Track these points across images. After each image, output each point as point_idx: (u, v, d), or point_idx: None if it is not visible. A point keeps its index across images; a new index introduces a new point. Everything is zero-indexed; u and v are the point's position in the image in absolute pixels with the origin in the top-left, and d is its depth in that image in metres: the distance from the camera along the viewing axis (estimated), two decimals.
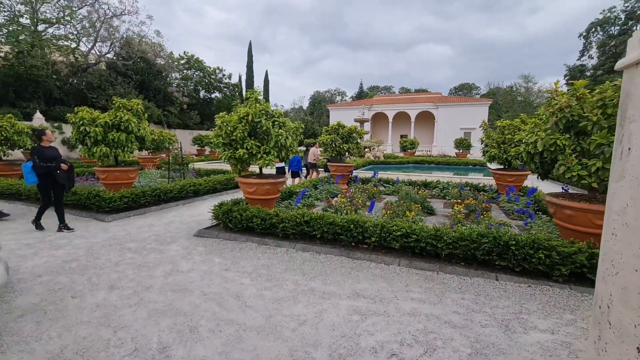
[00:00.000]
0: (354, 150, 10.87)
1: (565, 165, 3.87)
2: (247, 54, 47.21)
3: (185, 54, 36.96)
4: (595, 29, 31.99)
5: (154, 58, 29.09)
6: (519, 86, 60.75)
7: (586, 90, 3.90)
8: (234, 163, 5.81)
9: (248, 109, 5.59)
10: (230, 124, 5.60)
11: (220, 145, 5.81)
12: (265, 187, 5.91)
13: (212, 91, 39.56)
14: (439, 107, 41.79)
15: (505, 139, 8.69)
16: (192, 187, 9.25)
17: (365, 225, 4.82)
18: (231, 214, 5.76)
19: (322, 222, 5.09)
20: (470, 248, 4.26)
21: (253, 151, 5.65)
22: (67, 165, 5.89)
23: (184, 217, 7.31)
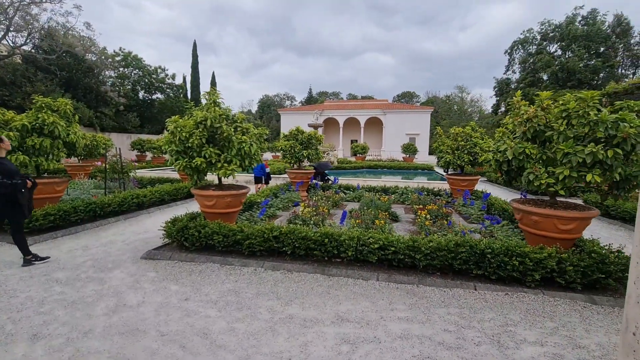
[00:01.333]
0: (314, 156, 10.61)
1: (534, 173, 4.00)
2: (192, 54, 44.65)
3: (121, 51, 33.68)
4: (517, 46, 36.14)
5: (84, 53, 25.91)
6: (455, 96, 66.31)
7: (550, 101, 4.09)
8: (190, 173, 5.14)
9: (206, 112, 4.99)
10: (185, 130, 4.94)
11: (172, 153, 5.11)
12: (227, 199, 5.34)
13: (154, 92, 36.58)
14: (386, 113, 43.64)
15: (459, 145, 9.12)
16: (136, 199, 8.18)
17: (340, 238, 4.54)
18: (187, 232, 5.08)
19: (294, 236, 4.69)
20: (448, 258, 4.21)
21: (212, 160, 5.05)
22: (31, 182, 4.73)
23: (128, 236, 6.35)
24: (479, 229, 6.13)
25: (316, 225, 6.35)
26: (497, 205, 7.75)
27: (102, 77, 30.72)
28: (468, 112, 63.96)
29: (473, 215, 7.69)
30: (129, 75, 34.67)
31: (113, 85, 31.57)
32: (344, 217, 5.78)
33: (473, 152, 8.90)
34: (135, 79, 35.01)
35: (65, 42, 22.94)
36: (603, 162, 3.55)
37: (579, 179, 3.70)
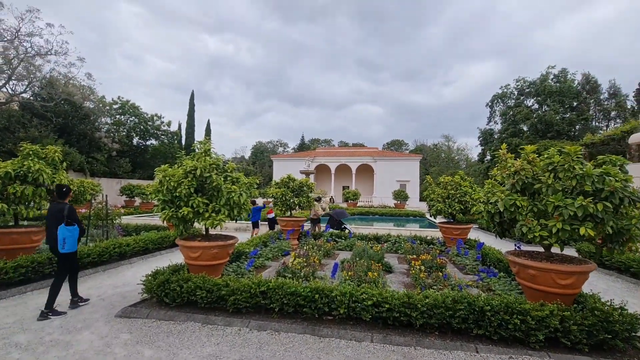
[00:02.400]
0: (305, 203, 10.53)
1: (527, 225, 3.96)
2: (189, 102, 46.33)
3: (119, 99, 34.78)
4: (497, 100, 38.64)
5: (82, 101, 26.63)
6: (442, 144, 68.96)
7: (534, 155, 4.20)
8: (176, 223, 4.96)
9: (196, 162, 4.96)
10: (173, 179, 4.87)
11: (159, 202, 4.97)
12: (213, 250, 5.10)
13: (148, 138, 37.15)
14: (377, 160, 44.71)
15: (449, 194, 9.20)
16: (117, 248, 7.80)
17: (332, 294, 4.28)
18: (169, 286, 4.76)
19: (282, 292, 4.41)
20: (445, 316, 3.97)
21: (200, 209, 4.91)
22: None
23: (105, 289, 5.92)
24: (475, 282, 5.92)
25: (306, 278, 6.06)
26: (491, 256, 7.60)
27: (98, 124, 31.26)
28: (455, 160, 66.10)
29: (468, 265, 7.49)
30: (124, 122, 35.42)
31: (108, 131, 32.03)
32: (336, 269, 5.54)
33: (463, 201, 8.96)
34: (131, 125, 35.72)
35: (65, 91, 23.63)
36: (594, 215, 3.55)
37: (572, 232, 3.66)
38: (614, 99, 32.34)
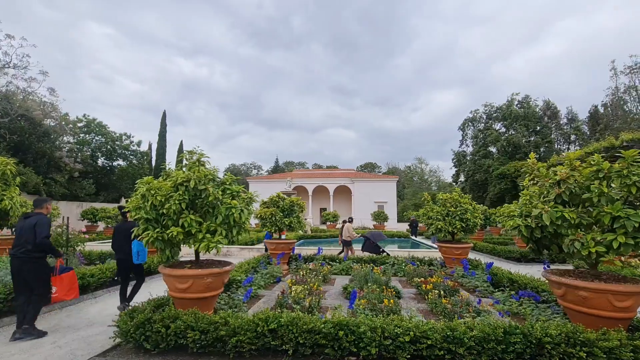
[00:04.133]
0: (296, 224, 9.74)
1: (579, 240, 3.51)
2: (161, 122, 44.56)
3: (85, 117, 32.67)
4: (468, 123, 40.48)
5: (42, 117, 24.57)
6: (415, 166, 70.92)
7: (578, 162, 3.85)
8: (161, 247, 4.06)
9: (189, 172, 4.17)
10: (160, 193, 4.02)
11: (141, 221, 4.07)
12: (207, 280, 4.21)
13: (115, 158, 34.89)
14: (354, 182, 44.74)
15: (449, 211, 8.83)
16: (80, 280, 6.55)
17: (359, 329, 3.54)
18: (150, 327, 3.79)
19: (297, 329, 3.61)
20: (498, 351, 3.34)
21: (192, 230, 4.07)
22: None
23: (62, 333, 4.75)
24: (500, 307, 5.36)
25: (312, 308, 5.26)
26: (500, 276, 7.17)
27: (59, 143, 28.91)
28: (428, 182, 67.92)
29: (478, 287, 6.98)
30: (89, 141, 33.14)
31: (70, 150, 29.67)
32: (354, 299, 4.77)
33: (465, 219, 8.61)
34: (97, 145, 33.46)
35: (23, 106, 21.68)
36: None
37: (636, 247, 3.24)
38: (572, 124, 34.93)
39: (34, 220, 4.49)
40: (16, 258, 4.42)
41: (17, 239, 4.50)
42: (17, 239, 4.48)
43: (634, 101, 32.56)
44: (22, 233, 4.44)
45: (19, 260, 4.41)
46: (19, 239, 4.47)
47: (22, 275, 4.43)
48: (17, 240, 4.48)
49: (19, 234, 4.49)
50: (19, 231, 4.52)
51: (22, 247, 4.39)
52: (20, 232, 4.47)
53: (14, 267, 4.46)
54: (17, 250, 4.42)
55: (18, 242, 4.45)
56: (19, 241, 4.45)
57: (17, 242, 4.47)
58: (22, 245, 4.39)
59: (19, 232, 4.50)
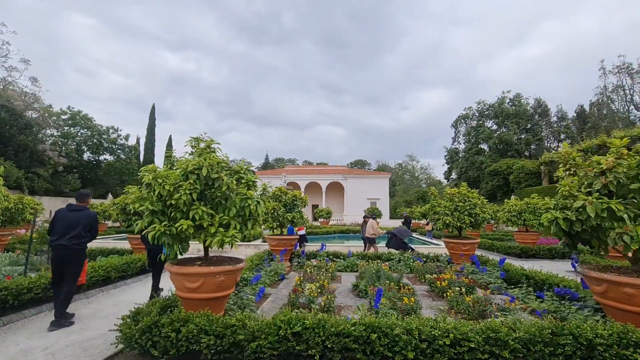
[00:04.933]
0: (299, 220, 9.38)
1: (628, 234, 3.27)
2: (149, 116, 43.39)
3: (69, 109, 31.37)
4: (460, 121, 40.74)
5: (24, 109, 23.37)
6: (406, 163, 71.31)
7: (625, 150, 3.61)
8: (169, 243, 3.65)
9: (199, 159, 3.75)
10: (168, 182, 3.60)
11: (146, 214, 3.65)
12: (219, 278, 3.82)
13: (102, 152, 33.69)
14: (347, 178, 44.55)
15: (458, 206, 8.61)
16: None
17: (393, 332, 3.22)
18: (158, 332, 3.39)
19: (324, 332, 3.27)
20: (545, 354, 3.08)
21: (203, 223, 3.67)
22: None
23: (54, 338, 4.29)
24: (536, 305, 5.09)
25: (327, 308, 4.93)
26: (513, 272, 6.99)
27: (42, 136, 27.64)
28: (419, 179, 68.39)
29: (492, 283, 6.78)
30: (74, 134, 31.86)
31: (54, 144, 28.43)
32: (380, 297, 4.44)
33: (474, 214, 8.40)
34: (82, 138, 32.21)
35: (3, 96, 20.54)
36: None
37: None
38: (562, 122, 35.51)
39: (84, 214, 4.85)
40: (61, 247, 4.61)
41: (61, 228, 4.67)
42: (62, 229, 4.66)
43: (622, 100, 33.26)
44: (70, 224, 4.69)
45: (66, 250, 4.62)
46: (64, 229, 4.66)
47: (64, 262, 4.65)
48: (61, 230, 4.66)
49: (65, 224, 4.69)
50: (63, 222, 4.71)
51: (72, 237, 4.63)
52: (67, 223, 4.69)
53: (56, 255, 4.66)
54: (62, 239, 4.61)
55: (63, 232, 4.65)
56: (64, 231, 4.65)
57: (62, 231, 4.65)
58: (71, 236, 4.63)
59: (64, 222, 4.71)
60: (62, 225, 4.71)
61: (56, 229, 4.72)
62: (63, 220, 4.77)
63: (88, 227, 4.84)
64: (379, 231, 11.56)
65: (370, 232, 11.52)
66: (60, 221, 4.76)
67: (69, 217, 4.79)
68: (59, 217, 4.84)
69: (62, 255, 4.65)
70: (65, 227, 4.69)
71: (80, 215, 4.84)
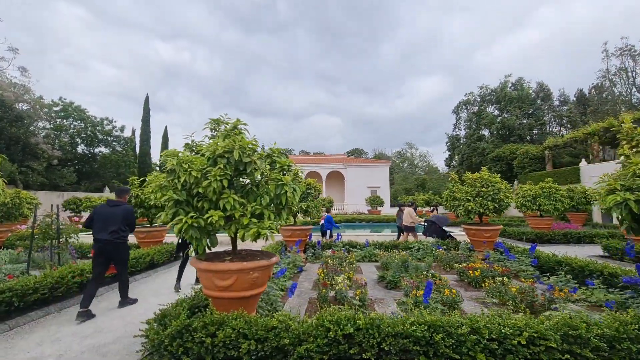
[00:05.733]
0: (312, 209, 8.98)
1: None
2: (144, 107, 42.09)
3: (61, 100, 30.36)
4: (462, 106, 40.24)
5: (14, 100, 22.45)
6: (405, 151, 70.90)
7: None
8: (196, 237, 3.21)
9: (229, 141, 3.30)
10: (195, 167, 3.15)
11: (170, 204, 3.20)
12: (253, 275, 3.42)
13: (97, 145, 32.83)
14: (347, 167, 44.11)
15: (480, 191, 8.26)
16: (78, 276, 5.64)
17: (458, 331, 2.85)
18: (190, 337, 2.99)
19: (380, 332, 2.89)
20: (632, 352, 2.73)
21: (235, 214, 3.24)
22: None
23: (67, 344, 3.89)
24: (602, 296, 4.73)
25: (363, 302, 4.57)
26: (543, 259, 6.69)
27: (34, 128, 26.74)
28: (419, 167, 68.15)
29: (524, 271, 6.47)
30: (67, 126, 30.93)
31: (47, 137, 27.57)
32: (429, 290, 4.05)
33: (497, 199, 8.05)
34: (75, 130, 31.30)
35: None
36: None
37: None
38: (565, 106, 35.16)
39: (122, 208, 5.09)
40: (104, 241, 4.86)
41: (103, 223, 4.91)
42: (104, 224, 4.90)
43: (624, 83, 32.94)
44: (110, 219, 4.93)
45: (109, 244, 4.88)
46: (105, 223, 4.90)
47: (106, 255, 4.94)
48: (103, 225, 4.90)
49: (106, 219, 4.93)
50: (105, 216, 4.95)
51: (113, 231, 4.89)
52: (108, 218, 4.93)
53: (99, 249, 4.90)
54: (104, 234, 4.87)
55: (105, 227, 4.89)
56: (105, 225, 4.89)
57: (104, 226, 4.90)
58: (112, 230, 4.88)
59: (106, 217, 4.94)
60: (102, 220, 4.94)
61: (96, 224, 4.95)
62: (103, 215, 4.99)
63: (127, 221, 5.09)
64: (417, 219, 11.01)
65: (408, 221, 10.95)
66: (101, 216, 4.99)
67: (109, 212, 5.02)
68: (99, 212, 5.05)
69: (106, 249, 4.90)
70: (105, 221, 4.93)
71: (118, 210, 5.08)
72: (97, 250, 4.93)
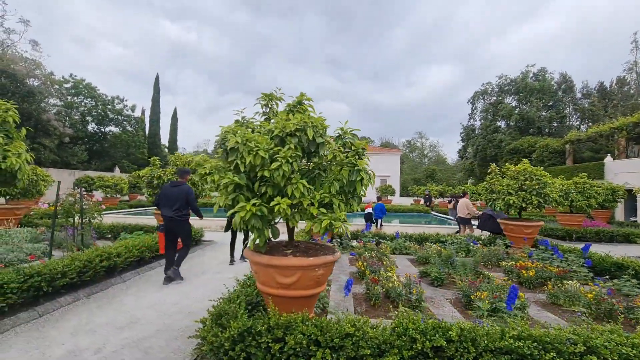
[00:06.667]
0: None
1: None
2: (154, 87, 41.73)
3: (72, 77, 29.86)
4: (478, 97, 39.04)
5: (25, 75, 22.01)
6: (415, 140, 69.83)
7: None
8: (258, 227, 2.79)
9: (302, 117, 2.82)
10: (261, 146, 2.69)
11: (229, 189, 2.77)
12: (318, 272, 3.01)
13: (107, 124, 32.48)
14: None
15: (524, 184, 7.73)
16: (106, 260, 5.31)
17: (571, 349, 2.43)
18: (256, 342, 2.60)
19: (475, 346, 2.48)
20: None
21: (303, 202, 2.80)
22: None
23: (103, 336, 3.55)
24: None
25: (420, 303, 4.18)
26: (597, 259, 6.23)
27: (45, 105, 26.39)
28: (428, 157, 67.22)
29: (575, 273, 6.00)
30: (78, 104, 30.54)
31: (58, 114, 27.24)
32: (516, 296, 3.60)
33: (543, 193, 7.54)
34: (86, 108, 30.91)
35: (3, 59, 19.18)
36: None
37: None
38: (587, 98, 33.89)
39: (182, 189, 5.47)
40: (169, 219, 5.40)
41: (167, 202, 5.42)
42: (168, 202, 5.40)
43: None
44: (173, 198, 5.40)
45: (173, 221, 5.41)
46: (169, 202, 5.40)
47: (173, 231, 5.51)
48: (167, 203, 5.41)
49: (169, 198, 5.41)
50: (168, 196, 5.43)
51: (176, 210, 5.37)
52: (171, 197, 5.41)
53: (167, 225, 5.47)
54: (169, 212, 5.37)
55: (171, 205, 5.38)
56: (169, 204, 5.39)
57: (168, 205, 5.39)
58: (175, 208, 5.37)
59: (169, 197, 5.42)
60: (167, 199, 5.43)
61: (163, 203, 5.46)
62: (167, 194, 5.47)
63: (186, 200, 5.44)
64: (474, 211, 10.14)
65: (464, 212, 10.10)
66: (165, 196, 5.48)
67: (171, 192, 5.46)
68: (164, 192, 5.54)
69: (171, 226, 5.45)
70: (169, 200, 5.41)
71: (179, 190, 5.47)
72: (165, 226, 5.49)
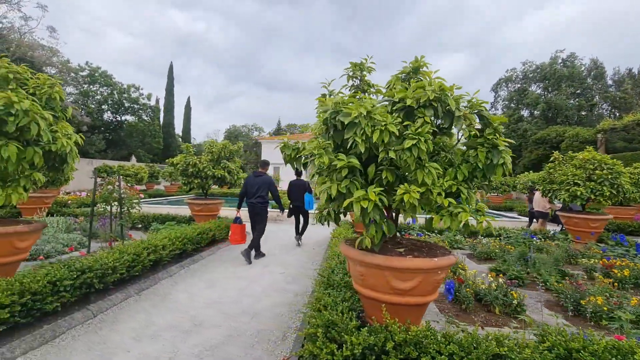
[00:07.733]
0: None
1: None
2: (167, 76, 41.35)
3: (88, 65, 29.61)
4: (502, 84, 37.54)
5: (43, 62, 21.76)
6: None
7: None
8: (375, 220, 2.25)
9: (439, 84, 2.25)
10: (387, 120, 2.14)
11: (343, 173, 2.23)
12: (440, 275, 2.48)
13: (123, 113, 32.30)
14: None
15: (593, 174, 7.03)
16: (152, 253, 4.89)
17: None
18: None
19: None
20: None
21: (434, 191, 2.25)
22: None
23: (170, 341, 3.11)
24: None
25: (522, 309, 3.64)
26: None
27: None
28: None
29: None
30: (94, 92, 30.36)
31: (75, 102, 27.10)
32: None
33: (616, 184, 6.83)
34: (102, 97, 30.72)
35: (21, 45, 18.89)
36: None
37: None
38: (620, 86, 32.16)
39: (263, 179, 6.24)
40: (253, 205, 6.13)
41: (251, 189, 6.14)
42: (252, 190, 6.13)
43: None
44: (259, 187, 6.12)
45: (257, 207, 6.14)
46: (253, 190, 6.12)
47: (256, 215, 6.19)
48: (252, 191, 6.13)
49: (255, 187, 6.13)
50: (252, 185, 6.16)
51: (258, 197, 6.09)
52: (254, 186, 6.13)
53: (251, 210, 6.21)
54: (253, 199, 6.11)
55: (253, 193, 6.11)
56: (253, 192, 6.11)
57: (252, 192, 6.12)
58: (258, 196, 6.09)
59: (255, 185, 6.14)
60: (251, 187, 6.14)
61: (248, 191, 6.16)
62: (251, 183, 6.18)
63: (267, 189, 6.18)
64: (548, 206, 9.46)
65: (542, 205, 9.35)
66: (249, 184, 6.20)
67: (254, 181, 6.19)
68: (249, 181, 6.27)
69: (254, 211, 6.16)
70: (252, 188, 6.13)
71: (261, 180, 6.21)
72: (250, 211, 6.19)
